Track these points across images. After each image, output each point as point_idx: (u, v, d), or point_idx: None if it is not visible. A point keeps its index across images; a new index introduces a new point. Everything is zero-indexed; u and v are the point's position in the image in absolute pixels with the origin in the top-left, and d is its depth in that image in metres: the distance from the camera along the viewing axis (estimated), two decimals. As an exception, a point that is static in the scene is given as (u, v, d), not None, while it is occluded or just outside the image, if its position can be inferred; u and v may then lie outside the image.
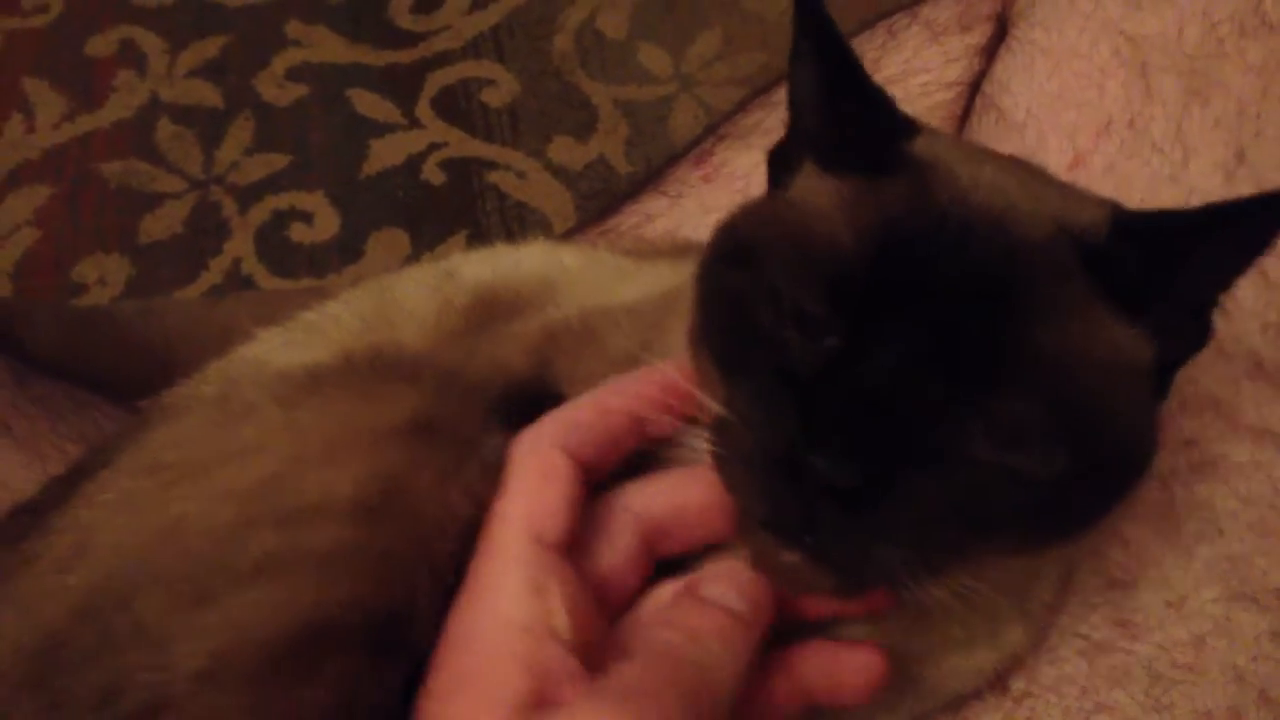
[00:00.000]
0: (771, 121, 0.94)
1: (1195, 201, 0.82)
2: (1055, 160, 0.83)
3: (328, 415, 0.66)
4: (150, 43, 1.88)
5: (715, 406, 0.59)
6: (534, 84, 1.88)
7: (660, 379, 0.63)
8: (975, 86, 0.91)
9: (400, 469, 0.62)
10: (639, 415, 0.62)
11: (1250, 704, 0.74)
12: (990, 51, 0.91)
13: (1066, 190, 0.64)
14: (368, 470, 0.62)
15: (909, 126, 0.63)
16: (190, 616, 0.57)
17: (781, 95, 0.96)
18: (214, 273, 1.68)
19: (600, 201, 1.60)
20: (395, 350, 0.73)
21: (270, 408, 0.68)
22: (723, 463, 0.58)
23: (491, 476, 0.63)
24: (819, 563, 0.56)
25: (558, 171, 1.80)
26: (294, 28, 1.89)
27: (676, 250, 0.82)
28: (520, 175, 1.79)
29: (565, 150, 1.82)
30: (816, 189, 0.62)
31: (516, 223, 1.76)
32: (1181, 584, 0.76)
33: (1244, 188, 0.80)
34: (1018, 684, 0.75)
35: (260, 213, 1.74)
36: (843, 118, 0.62)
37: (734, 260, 0.61)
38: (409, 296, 0.78)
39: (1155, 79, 0.83)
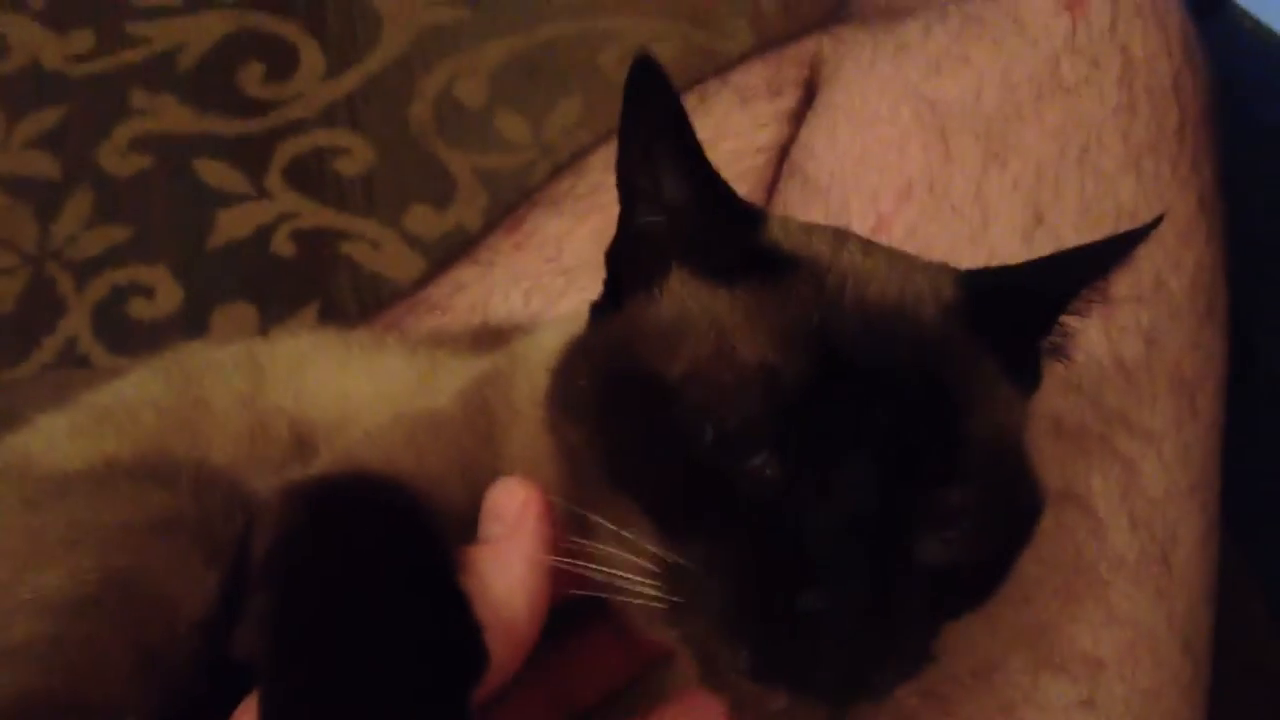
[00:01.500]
0: (583, 188, 0.93)
1: (996, 264, 0.82)
2: (858, 224, 0.82)
3: (65, 518, 0.64)
4: (-15, 113, 1.82)
5: (652, 550, 0.55)
6: (390, 153, 1.84)
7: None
8: (786, 151, 0.91)
9: (129, 564, 0.61)
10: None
11: (1059, 777, 0.72)
12: (800, 116, 0.91)
13: (911, 260, 0.64)
14: (90, 566, 0.61)
15: (756, 214, 0.62)
16: None
17: (595, 160, 0.95)
18: (47, 351, 1.61)
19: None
20: (163, 453, 0.72)
21: (15, 511, 0.67)
22: (682, 613, 0.54)
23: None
24: (817, 699, 0.53)
25: (414, 242, 1.76)
26: (138, 97, 1.84)
27: (474, 340, 0.79)
28: (374, 245, 1.76)
29: (422, 220, 1.79)
30: (707, 301, 0.59)
31: (370, 294, 1.71)
32: (988, 652, 0.74)
33: (1043, 249, 0.80)
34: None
35: (99, 288, 1.67)
36: (711, 218, 0.59)
37: (641, 393, 0.57)
38: (218, 401, 0.76)
39: (955, 142, 0.83)
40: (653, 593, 0.54)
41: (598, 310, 0.63)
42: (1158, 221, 0.65)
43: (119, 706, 0.58)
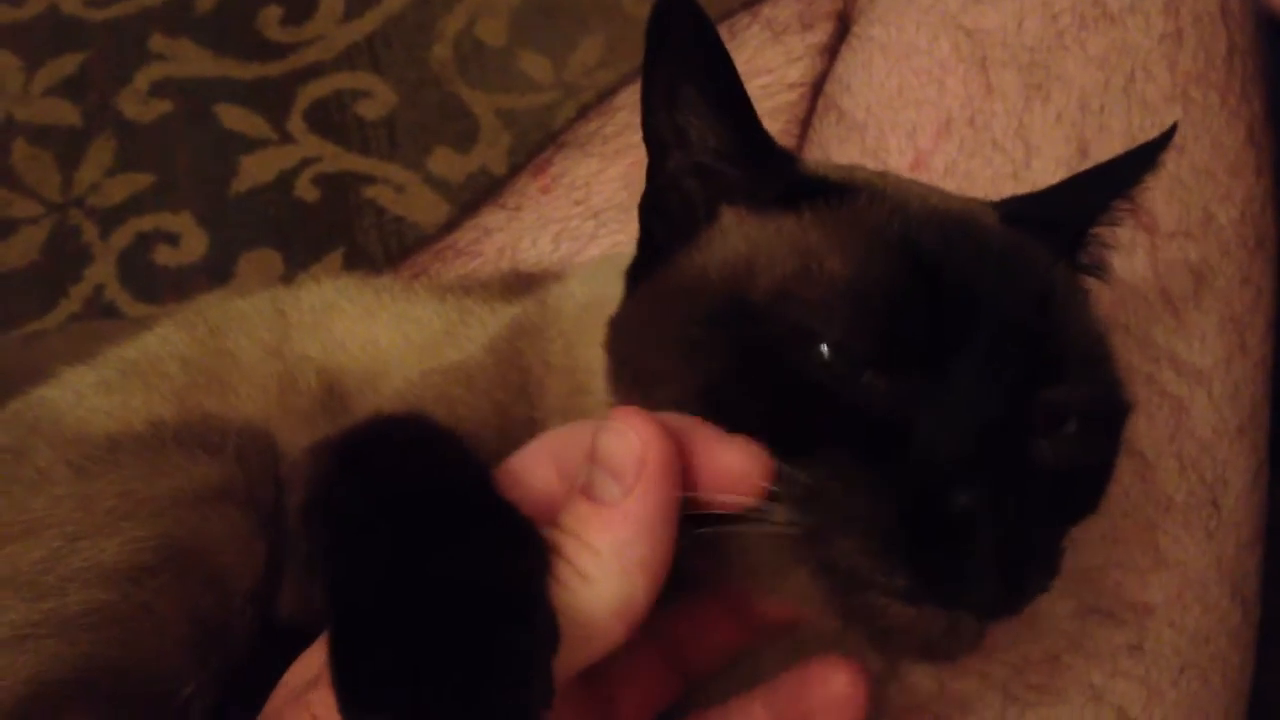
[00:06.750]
0: (610, 129, 0.90)
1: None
2: (896, 161, 0.80)
3: (118, 487, 0.63)
4: (4, 61, 1.80)
5: (780, 470, 0.50)
6: (412, 94, 1.82)
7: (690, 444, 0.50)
8: (819, 87, 0.88)
9: (183, 534, 0.60)
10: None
11: (1107, 724, 0.71)
12: (833, 50, 0.88)
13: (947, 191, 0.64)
14: (145, 536, 0.60)
15: (790, 154, 0.61)
16: None
17: (623, 100, 0.92)
18: (74, 301, 1.61)
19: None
20: (208, 418, 0.70)
21: (63, 477, 0.65)
22: (820, 538, 0.50)
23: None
24: (975, 611, 0.51)
25: (438, 184, 1.75)
26: (157, 41, 1.82)
27: (504, 286, 0.78)
28: (399, 189, 1.74)
29: (446, 162, 1.77)
30: (773, 228, 0.56)
31: (395, 238, 1.70)
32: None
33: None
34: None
35: (123, 236, 1.67)
36: (756, 155, 0.57)
37: (728, 320, 0.54)
38: (245, 352, 0.74)
39: (995, 74, 0.80)
40: (785, 517, 0.50)
41: (637, 267, 0.60)
42: (1173, 130, 0.65)
43: (176, 677, 0.57)
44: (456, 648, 0.44)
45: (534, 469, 0.51)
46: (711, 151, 0.57)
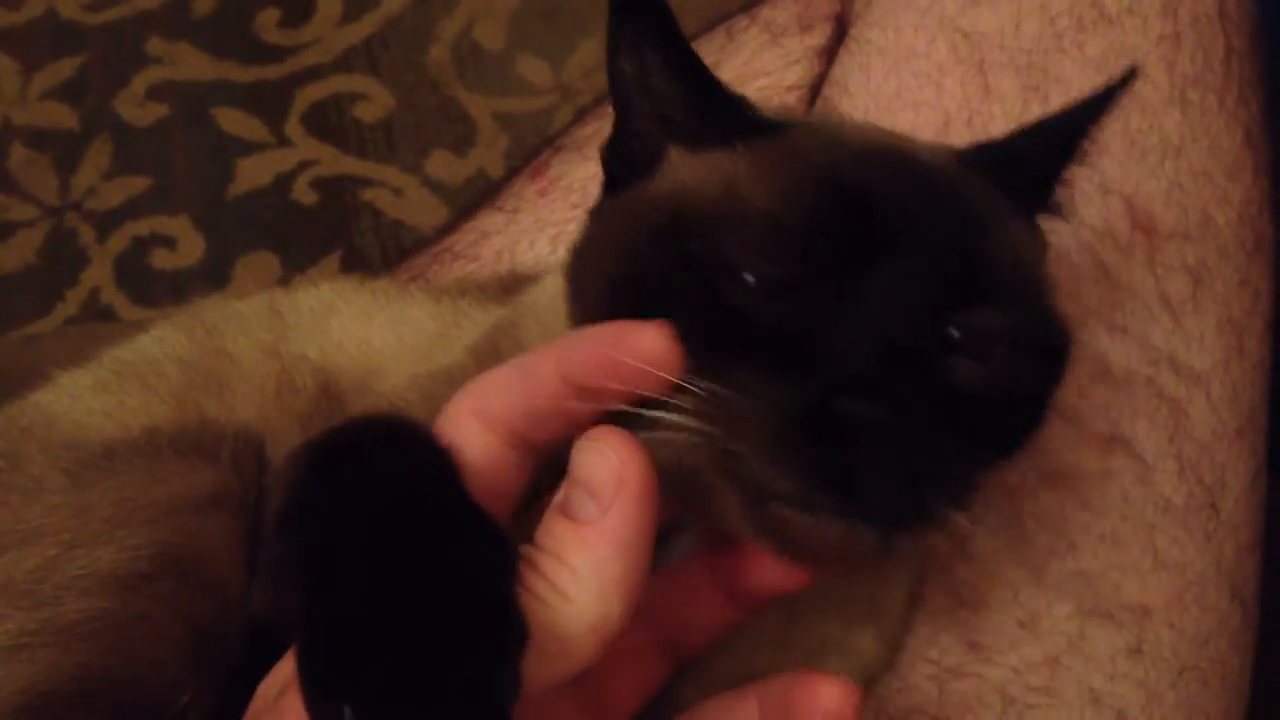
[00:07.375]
0: (609, 131, 0.90)
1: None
2: (894, 163, 0.80)
3: (114, 494, 0.63)
4: (2, 64, 1.80)
5: (679, 381, 0.50)
6: (409, 97, 1.82)
7: (605, 339, 0.51)
8: (817, 89, 0.88)
9: (180, 542, 0.60)
10: (579, 381, 0.51)
11: (1106, 726, 0.71)
12: (831, 53, 0.88)
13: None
14: (142, 544, 0.60)
15: (744, 99, 0.63)
16: None
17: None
18: (70, 304, 1.61)
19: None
20: (204, 423, 0.70)
21: (58, 485, 0.66)
22: (722, 445, 0.51)
23: None
24: (870, 524, 0.51)
25: (436, 187, 1.75)
26: (155, 45, 1.82)
27: (502, 288, 0.78)
28: (396, 192, 1.74)
29: (443, 165, 1.77)
30: (707, 162, 0.59)
31: (392, 241, 1.70)
32: (1033, 601, 0.73)
33: (1086, 185, 0.78)
34: (864, 716, 0.71)
35: (120, 240, 1.67)
36: (702, 101, 0.60)
37: (657, 237, 0.56)
38: (242, 353, 0.75)
39: (993, 76, 0.80)
40: (692, 424, 0.51)
41: (598, 206, 0.64)
42: (1134, 72, 0.66)
43: (173, 685, 0.57)
44: (422, 646, 0.44)
45: (459, 430, 0.52)
46: (665, 99, 0.60)
